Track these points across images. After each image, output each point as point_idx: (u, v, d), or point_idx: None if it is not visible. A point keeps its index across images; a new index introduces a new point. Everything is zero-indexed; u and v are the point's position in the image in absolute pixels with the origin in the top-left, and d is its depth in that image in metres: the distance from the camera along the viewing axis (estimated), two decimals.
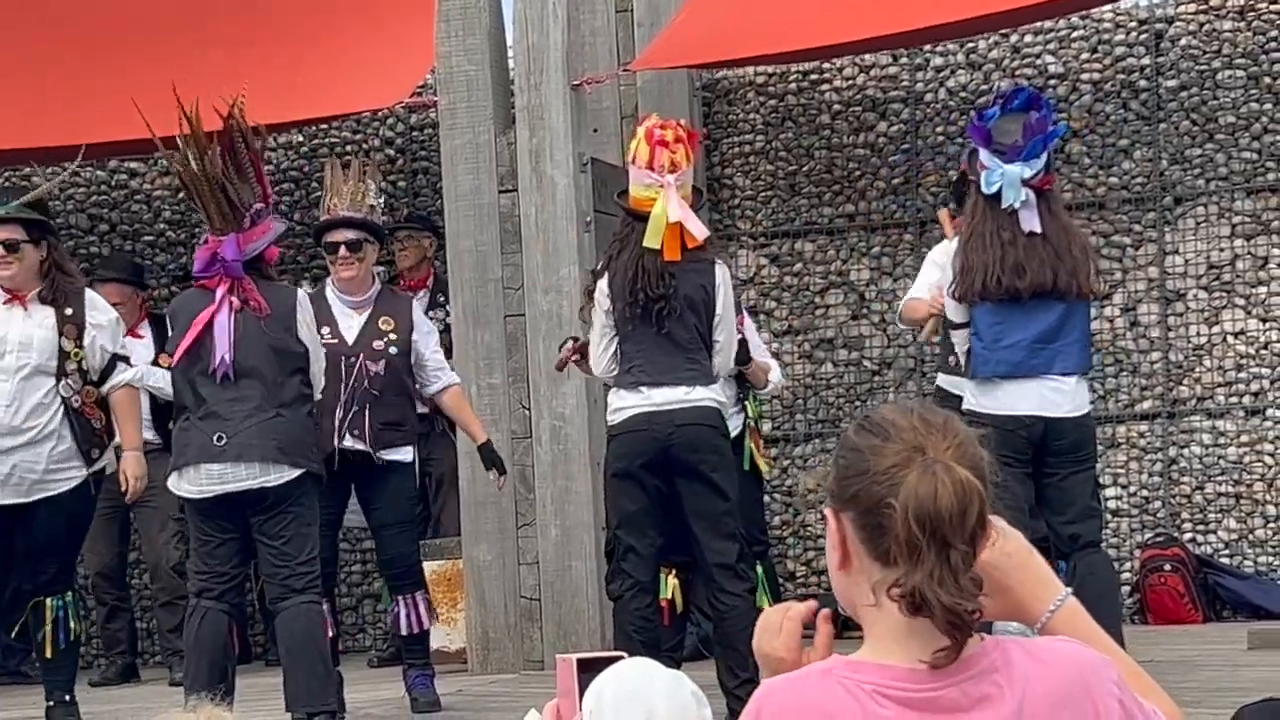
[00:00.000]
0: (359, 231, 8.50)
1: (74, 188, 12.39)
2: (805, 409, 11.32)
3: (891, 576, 2.48)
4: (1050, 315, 7.59)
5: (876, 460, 2.51)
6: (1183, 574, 10.28)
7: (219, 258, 7.52)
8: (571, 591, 9.73)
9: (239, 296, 7.51)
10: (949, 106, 11.15)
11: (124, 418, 8.36)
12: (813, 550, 11.20)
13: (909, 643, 2.50)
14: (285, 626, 7.57)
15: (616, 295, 7.48)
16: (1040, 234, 7.55)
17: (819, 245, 11.34)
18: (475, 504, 9.88)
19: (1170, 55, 10.83)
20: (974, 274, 7.56)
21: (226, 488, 7.46)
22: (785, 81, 11.43)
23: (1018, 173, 7.52)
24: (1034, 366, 7.60)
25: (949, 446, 2.51)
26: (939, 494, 2.46)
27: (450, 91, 10.09)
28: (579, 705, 2.77)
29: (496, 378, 9.94)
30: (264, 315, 7.52)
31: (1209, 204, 10.72)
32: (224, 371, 7.46)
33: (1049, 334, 7.60)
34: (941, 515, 2.46)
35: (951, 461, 2.48)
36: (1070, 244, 7.62)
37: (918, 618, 2.47)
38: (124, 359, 8.44)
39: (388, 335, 8.49)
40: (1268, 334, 10.57)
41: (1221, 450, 10.62)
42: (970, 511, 2.47)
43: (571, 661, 2.76)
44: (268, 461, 7.45)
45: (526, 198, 9.86)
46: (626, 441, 7.50)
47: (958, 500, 2.46)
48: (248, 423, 7.45)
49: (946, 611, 2.44)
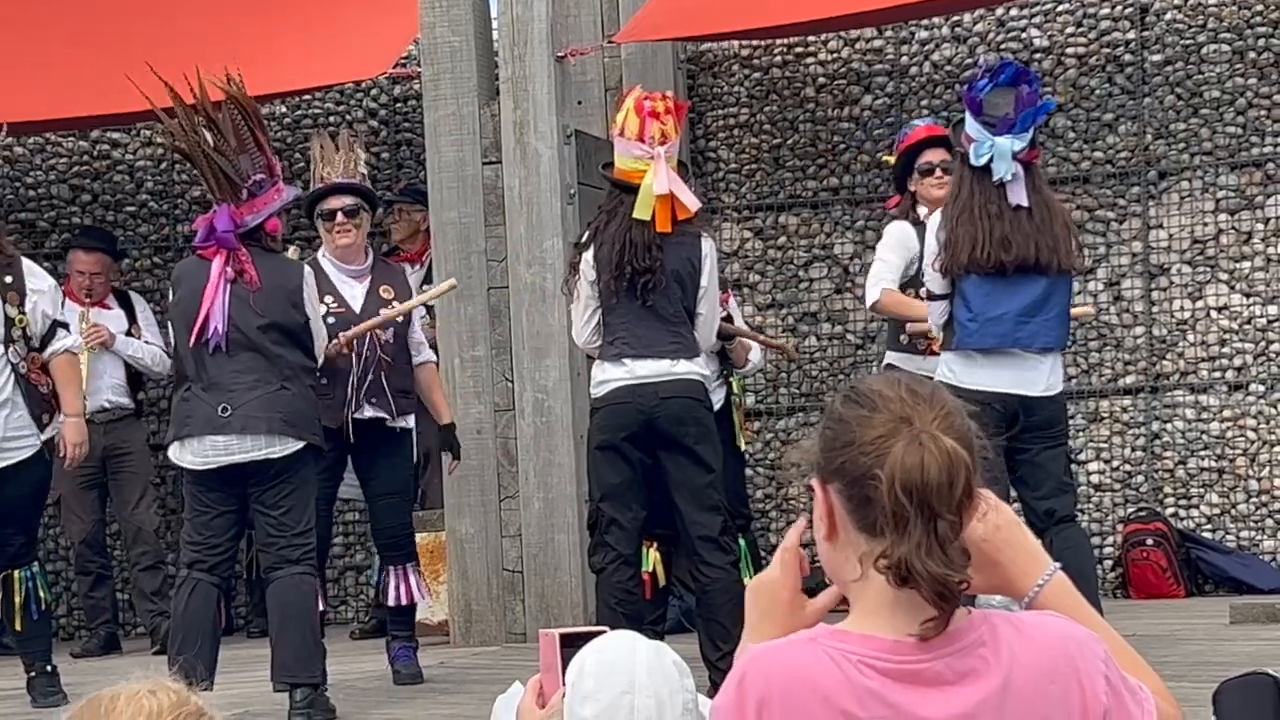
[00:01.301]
0: (355, 198, 8.50)
1: (56, 158, 12.34)
2: (788, 382, 11.31)
3: (878, 548, 2.48)
4: (1034, 289, 7.57)
5: (862, 431, 2.51)
6: (1165, 548, 10.30)
7: (215, 229, 7.51)
8: (554, 564, 9.73)
9: (234, 268, 7.49)
10: (934, 80, 11.13)
11: (64, 383, 8.36)
12: None
13: (895, 615, 2.49)
14: (278, 596, 7.56)
15: (603, 267, 7.46)
16: (1025, 208, 7.53)
17: (803, 219, 11.33)
18: (458, 476, 9.86)
19: (1155, 30, 10.82)
20: (960, 247, 7.54)
21: (232, 459, 7.44)
22: (770, 54, 11.41)
23: (1008, 145, 7.49)
24: (1018, 339, 7.58)
25: (935, 417, 2.50)
26: (925, 464, 2.46)
27: (434, 63, 10.05)
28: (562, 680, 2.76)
29: (479, 350, 9.92)
30: (255, 289, 7.49)
31: (1193, 179, 10.72)
32: (216, 342, 7.45)
33: (1033, 308, 7.58)
34: (928, 485, 2.45)
35: (938, 432, 2.48)
36: (1053, 219, 7.61)
37: (904, 589, 2.46)
38: (64, 325, 8.45)
39: (391, 304, 8.50)
40: (1251, 309, 10.58)
41: (1204, 425, 10.63)
42: (957, 482, 2.46)
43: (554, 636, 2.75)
44: (273, 434, 7.45)
45: (510, 170, 9.84)
46: (610, 414, 7.48)
47: (944, 470, 2.46)
48: (251, 395, 7.44)
49: (934, 581, 2.44)
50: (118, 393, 10.65)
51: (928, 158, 8.46)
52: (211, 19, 11.06)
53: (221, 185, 7.51)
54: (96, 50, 10.98)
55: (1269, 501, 10.49)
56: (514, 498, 9.84)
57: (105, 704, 2.33)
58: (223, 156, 7.46)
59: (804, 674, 2.47)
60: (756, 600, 2.69)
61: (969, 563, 2.49)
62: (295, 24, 10.96)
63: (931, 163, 8.41)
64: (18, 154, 12.30)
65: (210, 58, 10.78)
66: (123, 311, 10.80)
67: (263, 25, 10.97)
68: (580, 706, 2.78)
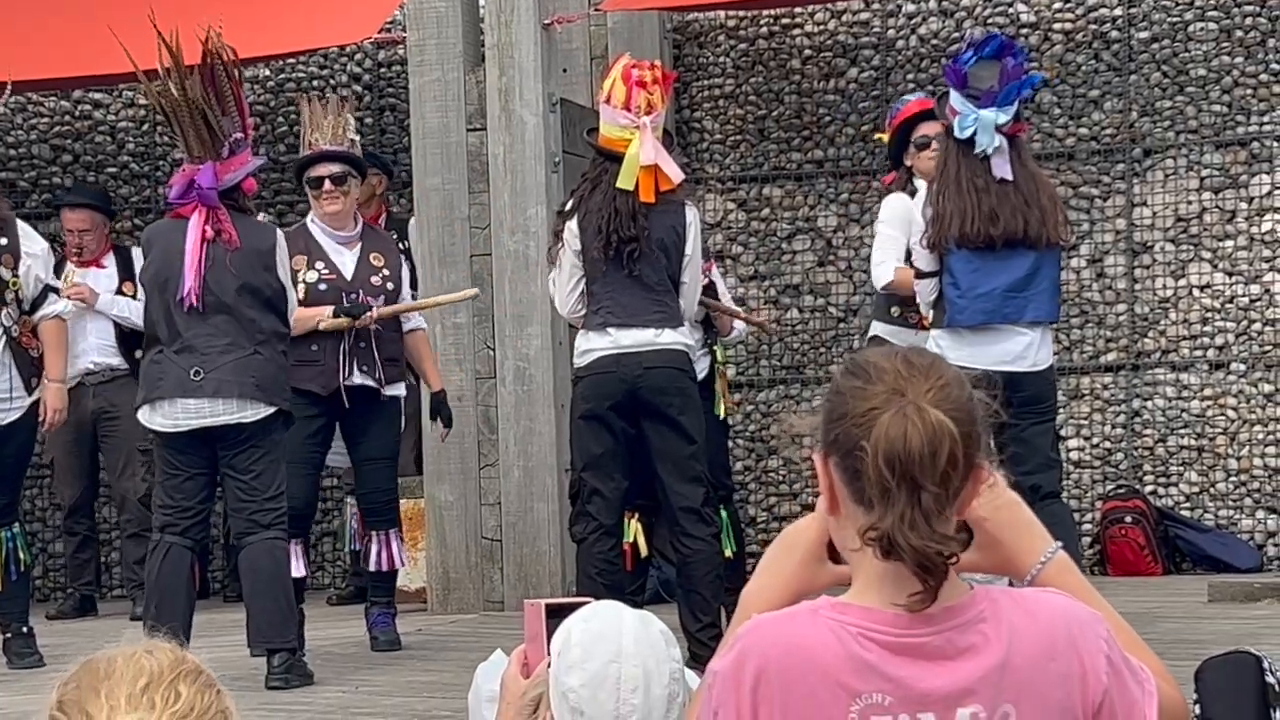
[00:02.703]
0: (343, 165, 8.48)
1: (37, 118, 12.29)
2: (770, 355, 11.30)
3: (870, 520, 2.46)
4: (1023, 263, 7.55)
5: (855, 403, 2.49)
6: (1143, 526, 10.30)
7: (195, 185, 7.46)
8: (533, 533, 9.72)
9: (212, 226, 7.45)
10: (920, 53, 11.10)
11: (51, 347, 8.33)
12: (774, 496, 11.20)
13: (887, 587, 2.48)
14: (250, 562, 7.55)
15: (588, 236, 7.43)
16: (1011, 181, 7.51)
17: (787, 191, 11.31)
18: (438, 444, 9.85)
19: (1142, 6, 10.80)
20: (948, 221, 7.51)
21: (203, 422, 7.44)
22: (756, 25, 11.38)
23: (992, 118, 7.46)
24: (1007, 314, 7.57)
25: (930, 389, 2.48)
26: (908, 435, 2.44)
27: (420, 28, 10.02)
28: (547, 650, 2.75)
29: (461, 317, 9.90)
30: (234, 248, 7.47)
31: (1178, 156, 10.71)
32: (190, 301, 7.42)
33: (1022, 282, 7.56)
34: (911, 456, 2.43)
35: (928, 403, 2.46)
36: (1039, 192, 7.59)
37: (892, 562, 2.45)
38: (54, 289, 8.44)
39: (381, 271, 8.49)
40: (1233, 288, 10.58)
41: (1184, 403, 10.64)
42: (940, 453, 2.44)
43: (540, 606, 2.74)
44: (245, 399, 7.43)
45: (495, 137, 9.81)
46: (594, 384, 7.46)
47: (927, 441, 2.44)
48: (224, 358, 7.43)
49: (916, 554, 2.42)
50: (106, 353, 10.48)
51: (923, 130, 8.38)
52: None
53: (204, 141, 7.47)
54: (78, 10, 10.91)
55: (1248, 481, 10.50)
56: (494, 466, 9.82)
57: (103, 666, 2.31)
58: (212, 110, 7.43)
59: (803, 647, 2.45)
60: (782, 539, 2.67)
61: (961, 536, 2.48)
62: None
63: (928, 135, 8.33)
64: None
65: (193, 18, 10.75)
66: (117, 269, 10.67)
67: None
68: (567, 675, 2.77)
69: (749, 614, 2.57)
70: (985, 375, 2.70)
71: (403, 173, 11.28)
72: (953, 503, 2.48)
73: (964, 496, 2.51)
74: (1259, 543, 10.44)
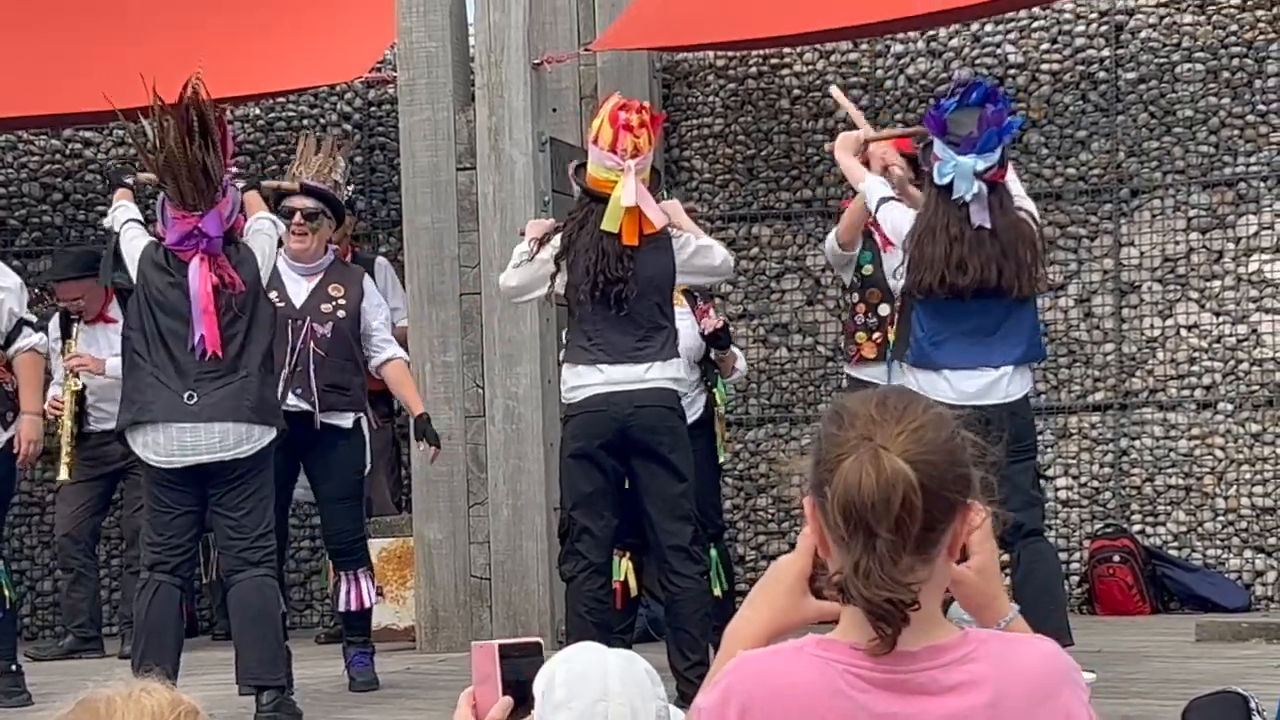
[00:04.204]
0: (317, 202, 8.47)
1: (27, 156, 12.30)
2: (759, 394, 11.32)
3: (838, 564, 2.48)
4: (991, 313, 7.58)
5: (829, 449, 2.50)
6: (1131, 565, 10.31)
7: (200, 233, 7.40)
8: (521, 572, 9.72)
9: (215, 273, 7.41)
10: (908, 94, 11.15)
11: (24, 382, 8.31)
12: (763, 534, 11.20)
13: (867, 627, 2.49)
14: (239, 599, 7.53)
15: (576, 276, 7.45)
16: (990, 229, 7.52)
17: (775, 230, 11.34)
18: (427, 482, 9.86)
19: (1130, 48, 10.85)
20: (921, 270, 7.53)
21: (200, 458, 7.38)
22: (745, 65, 11.42)
23: (970, 164, 7.46)
24: (970, 358, 7.61)
25: (901, 433, 2.48)
26: (861, 482, 2.44)
27: (410, 67, 10.05)
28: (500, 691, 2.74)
29: (450, 355, 9.91)
30: (239, 292, 7.45)
31: (1165, 197, 10.75)
32: (209, 351, 7.37)
33: (987, 329, 7.59)
34: (864, 503, 2.43)
35: (894, 449, 2.46)
36: (1019, 242, 7.58)
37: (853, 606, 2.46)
38: (29, 323, 8.37)
39: (336, 300, 8.45)
40: (1220, 328, 10.61)
41: (1172, 443, 10.66)
42: (894, 499, 2.43)
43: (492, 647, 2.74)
44: (240, 423, 7.38)
45: (485, 176, 9.84)
46: (584, 422, 7.46)
47: (879, 488, 2.43)
48: (218, 383, 7.37)
49: (866, 602, 2.43)
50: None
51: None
52: (188, 18, 11.02)
53: (201, 191, 7.40)
54: (71, 49, 10.94)
55: (1235, 520, 10.52)
56: (483, 504, 9.83)
57: (103, 706, 2.31)
58: (211, 158, 7.40)
59: (788, 683, 2.46)
60: (766, 575, 2.68)
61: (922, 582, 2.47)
62: (272, 25, 10.93)
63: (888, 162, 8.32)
64: None
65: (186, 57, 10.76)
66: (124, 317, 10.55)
67: (239, 26, 10.95)
68: (553, 715, 2.77)
69: (733, 648, 2.58)
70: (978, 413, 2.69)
71: (393, 211, 11.30)
72: (917, 549, 2.46)
73: (948, 537, 2.51)
74: (1246, 582, 10.45)
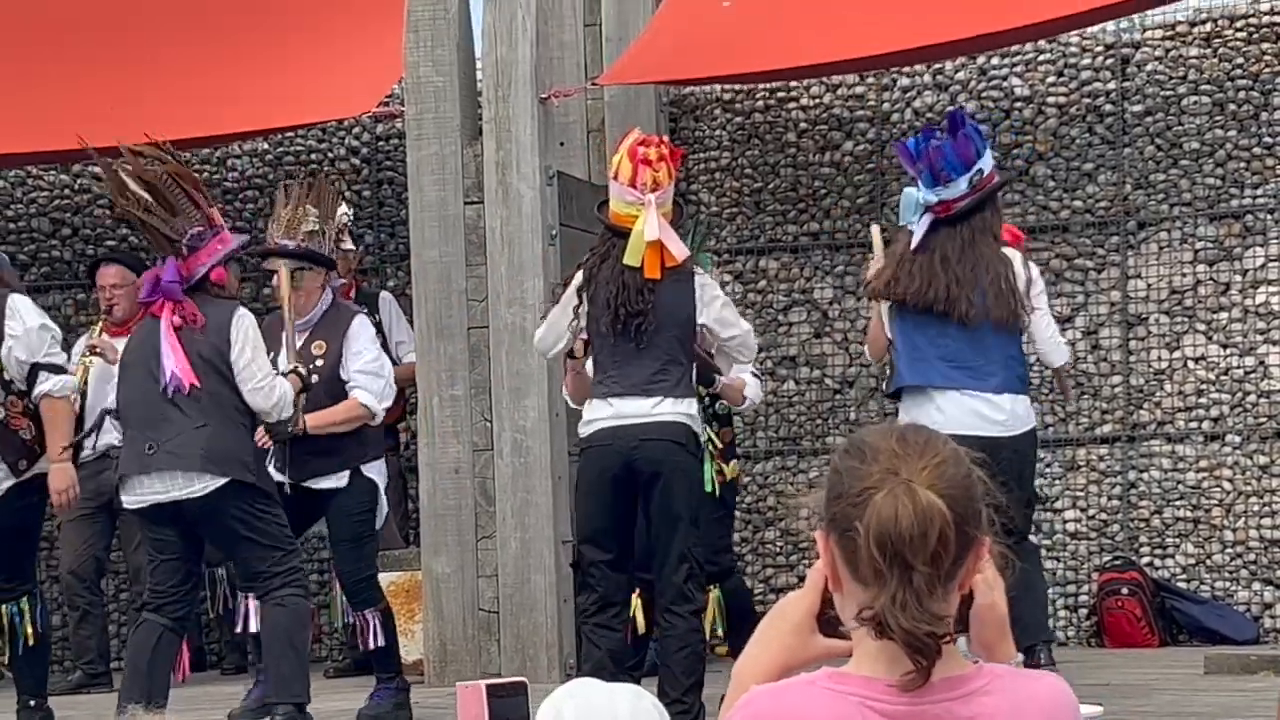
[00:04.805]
0: (292, 261, 8.38)
1: (36, 191, 12.34)
2: (767, 426, 11.32)
3: (865, 599, 2.48)
4: (955, 336, 7.79)
5: (851, 483, 2.51)
6: (1140, 598, 10.30)
7: (160, 281, 7.62)
8: (530, 605, 9.72)
9: (179, 315, 7.57)
10: (915, 127, 11.14)
11: (47, 428, 8.21)
12: (771, 568, 11.20)
13: (883, 663, 2.49)
14: (263, 620, 7.74)
15: (596, 309, 7.49)
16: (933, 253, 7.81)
17: (783, 263, 11.35)
18: (435, 516, 9.86)
19: (1136, 80, 10.87)
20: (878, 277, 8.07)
21: (158, 497, 7.54)
22: (752, 99, 11.44)
23: (914, 195, 7.90)
24: (950, 379, 7.78)
25: (925, 467, 2.49)
26: (899, 516, 2.45)
27: (417, 102, 10.07)
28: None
29: (459, 389, 9.92)
30: (199, 327, 7.54)
31: (1172, 229, 10.76)
32: (174, 386, 7.50)
33: (956, 354, 7.79)
34: (902, 537, 2.44)
35: (920, 483, 2.47)
36: (982, 272, 7.78)
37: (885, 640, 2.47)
38: (47, 367, 8.20)
39: (315, 359, 8.38)
40: (1228, 360, 10.60)
41: (1180, 475, 10.65)
42: (931, 533, 2.45)
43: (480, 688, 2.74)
44: (192, 471, 7.48)
45: (492, 210, 9.86)
46: (594, 455, 7.51)
47: (917, 522, 2.45)
48: (173, 431, 7.52)
49: (906, 634, 2.44)
50: None
51: None
52: (198, 53, 11.07)
53: (160, 243, 7.66)
54: (79, 84, 10.98)
55: (1244, 552, 10.50)
56: (491, 538, 9.83)
57: None
58: (153, 216, 7.56)
59: (803, 714, 2.47)
60: (772, 612, 2.68)
61: (950, 616, 2.49)
62: (280, 61, 10.97)
63: None
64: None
65: (194, 94, 10.83)
66: None
67: (247, 61, 10.99)
68: None
69: (741, 685, 2.59)
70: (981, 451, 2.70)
71: (400, 245, 11.32)
72: (947, 581, 2.49)
73: (964, 571, 2.53)
74: (1255, 615, 10.44)
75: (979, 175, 7.84)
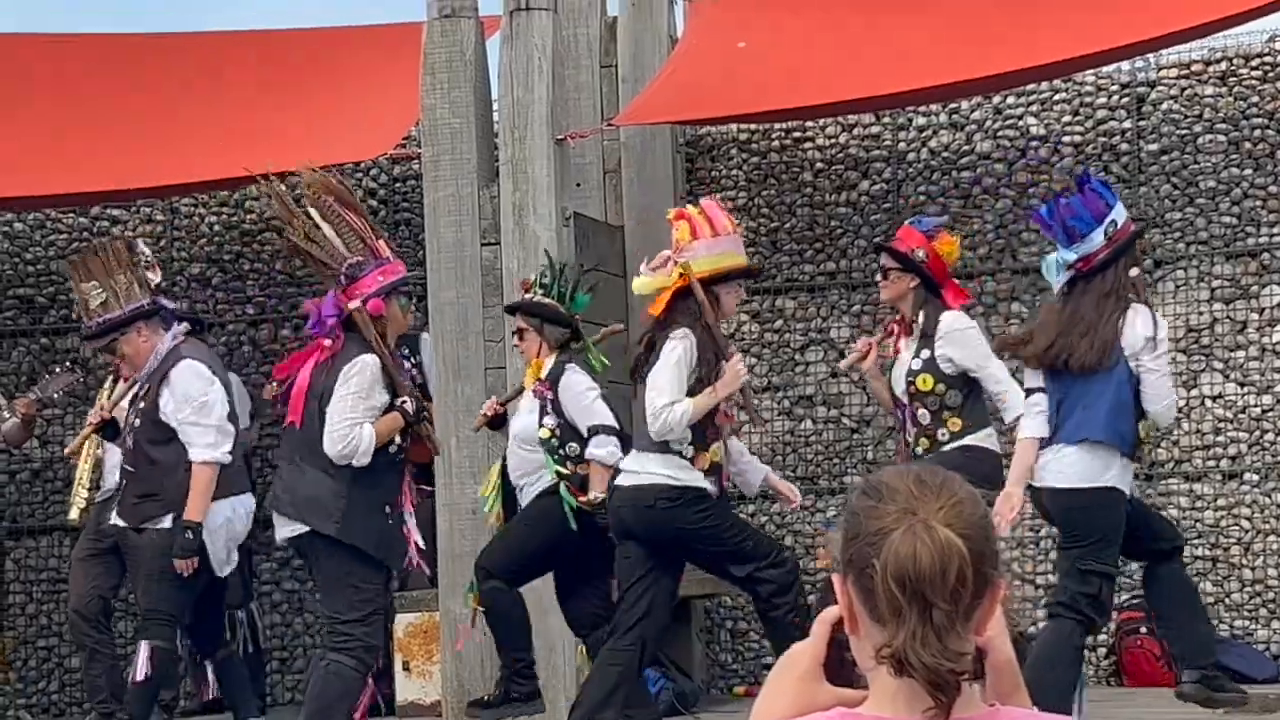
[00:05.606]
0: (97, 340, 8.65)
1: (55, 234, 12.38)
2: (784, 465, 11.31)
3: (883, 638, 2.49)
4: (1061, 387, 7.77)
5: (869, 523, 2.51)
6: (1159, 637, 10.27)
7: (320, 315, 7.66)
8: (547, 645, 9.70)
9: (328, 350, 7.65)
10: (931, 166, 11.19)
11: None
12: None
13: (901, 702, 2.50)
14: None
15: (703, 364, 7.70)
16: (1071, 310, 7.80)
17: (800, 302, 11.37)
18: (452, 556, 9.86)
19: (1152, 119, 10.89)
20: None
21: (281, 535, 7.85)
22: (768, 139, 11.47)
23: (1054, 259, 7.90)
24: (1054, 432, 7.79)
25: (942, 507, 2.50)
26: (918, 554, 2.46)
27: (434, 144, 10.11)
28: None
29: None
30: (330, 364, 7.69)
31: (1189, 267, 10.76)
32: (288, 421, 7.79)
33: (1062, 404, 7.77)
34: (921, 575, 2.45)
35: (936, 522, 2.48)
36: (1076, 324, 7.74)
37: (905, 679, 2.47)
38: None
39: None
40: (1245, 398, 10.60)
41: (1199, 513, 10.63)
42: (950, 571, 2.46)
43: None
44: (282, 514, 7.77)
45: (509, 251, 9.87)
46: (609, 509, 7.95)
47: (937, 559, 2.46)
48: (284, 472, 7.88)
49: (928, 671, 2.44)
50: None
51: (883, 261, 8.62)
52: (216, 96, 11.12)
53: (320, 271, 7.75)
54: (99, 127, 11.04)
55: (1263, 591, 10.48)
56: None
57: None
58: (314, 245, 7.54)
59: None
60: (781, 661, 2.68)
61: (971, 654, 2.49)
62: (297, 104, 11.02)
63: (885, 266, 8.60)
64: (17, 230, 12.34)
65: (213, 136, 10.88)
66: None
67: (265, 104, 11.04)
68: None
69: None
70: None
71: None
72: (965, 620, 2.49)
73: (981, 612, 2.53)
74: (1275, 653, 10.41)
75: (1113, 227, 7.84)
